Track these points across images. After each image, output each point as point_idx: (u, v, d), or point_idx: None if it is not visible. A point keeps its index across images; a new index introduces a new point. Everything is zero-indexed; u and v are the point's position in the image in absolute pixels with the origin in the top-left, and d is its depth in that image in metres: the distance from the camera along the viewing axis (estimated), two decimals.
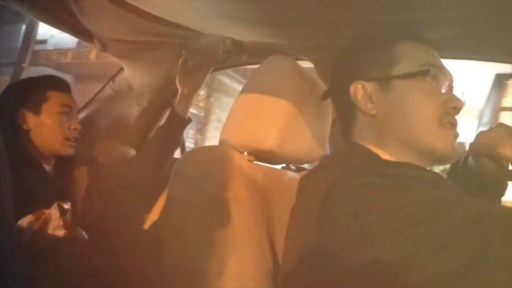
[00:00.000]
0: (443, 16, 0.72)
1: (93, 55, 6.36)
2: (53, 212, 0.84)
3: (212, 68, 1.33)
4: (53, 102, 1.16)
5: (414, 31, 0.71)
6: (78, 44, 6.70)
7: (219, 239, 0.72)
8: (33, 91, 1.16)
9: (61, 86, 1.22)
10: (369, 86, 0.69)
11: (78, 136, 1.21)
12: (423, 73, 0.66)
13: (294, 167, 1.07)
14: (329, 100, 0.95)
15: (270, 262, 0.74)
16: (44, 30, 6.90)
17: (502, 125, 0.71)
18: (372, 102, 0.69)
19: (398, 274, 0.49)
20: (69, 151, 1.18)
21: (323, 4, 0.73)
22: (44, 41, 7.26)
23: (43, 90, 1.17)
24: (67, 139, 1.17)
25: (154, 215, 1.41)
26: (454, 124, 0.68)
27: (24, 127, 1.13)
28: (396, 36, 0.71)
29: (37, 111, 1.14)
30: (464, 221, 0.49)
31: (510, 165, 0.71)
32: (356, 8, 0.72)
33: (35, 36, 6.75)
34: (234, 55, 1.16)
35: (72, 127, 1.19)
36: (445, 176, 0.87)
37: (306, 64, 1.04)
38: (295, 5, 0.75)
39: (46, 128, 1.14)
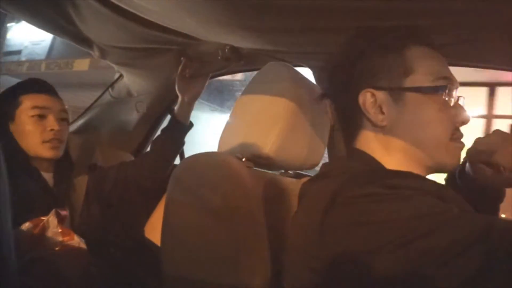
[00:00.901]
0: (440, 23, 0.72)
1: (43, 66, 7.09)
2: (51, 219, 0.84)
3: (210, 75, 1.33)
4: (25, 106, 1.12)
5: (421, 35, 0.69)
6: (47, 56, 7.35)
7: (218, 248, 0.71)
8: (7, 99, 1.14)
9: (32, 88, 1.16)
10: (379, 95, 0.66)
11: (59, 137, 1.14)
12: (440, 89, 0.64)
13: (292, 173, 1.07)
14: (327, 106, 0.96)
15: (269, 271, 0.73)
16: (19, 41, 7.49)
17: (498, 132, 0.71)
18: (382, 113, 0.66)
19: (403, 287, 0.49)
20: (49, 153, 1.13)
21: (319, 11, 0.73)
22: (18, 52, 7.77)
23: (15, 96, 1.13)
24: (45, 141, 1.12)
25: (153, 221, 1.41)
26: (461, 138, 0.67)
27: (7, 136, 1.10)
28: (405, 40, 0.68)
29: (12, 118, 1.12)
30: (469, 235, 0.48)
31: (507, 171, 0.71)
32: (351, 16, 0.73)
33: (1, 48, 7.30)
34: (232, 62, 1.17)
35: (48, 129, 1.12)
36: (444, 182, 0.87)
37: (304, 70, 1.04)
38: (293, 12, 0.76)
39: (22, 134, 1.11)
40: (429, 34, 0.68)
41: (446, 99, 0.64)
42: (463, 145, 0.67)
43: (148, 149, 1.41)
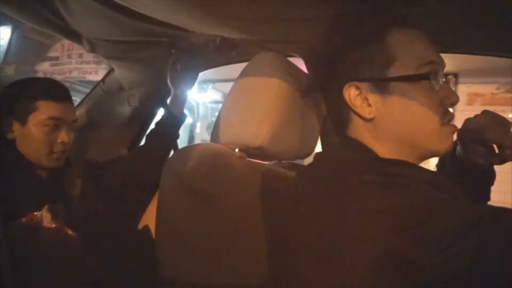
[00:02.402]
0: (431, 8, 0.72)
1: None
2: (45, 214, 0.84)
3: (202, 67, 1.33)
4: (41, 113, 1.08)
5: (402, 18, 0.67)
6: (4, 59, 7.55)
7: (212, 237, 0.72)
8: (22, 99, 1.09)
9: (53, 95, 1.11)
10: (364, 87, 0.65)
11: (66, 149, 1.12)
12: (425, 76, 0.63)
13: (286, 163, 1.08)
14: (319, 95, 0.96)
15: (265, 259, 0.74)
16: None
17: (487, 112, 0.72)
18: (369, 105, 0.65)
19: (396, 274, 0.49)
20: (53, 164, 1.11)
21: (311, 0, 0.73)
22: None
23: (32, 99, 1.08)
24: (52, 152, 1.10)
25: (149, 214, 1.41)
26: (452, 119, 0.66)
27: (9, 136, 1.07)
28: (385, 27, 0.66)
29: (23, 121, 1.07)
30: (463, 223, 0.48)
31: (496, 148, 0.72)
32: (343, 3, 0.72)
33: None
34: (224, 53, 1.16)
35: (59, 141, 1.10)
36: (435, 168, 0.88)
37: (295, 60, 1.04)
38: (284, 2, 0.76)
39: (30, 140, 1.07)
40: (410, 16, 0.67)
41: (433, 83, 0.63)
42: (453, 127, 0.67)
43: (143, 143, 1.40)
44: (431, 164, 1.09)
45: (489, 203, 0.81)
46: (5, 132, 1.07)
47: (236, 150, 0.88)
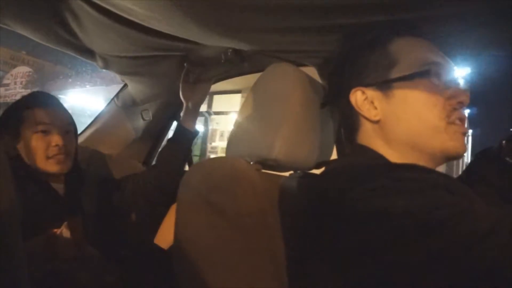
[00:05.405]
0: (437, 14, 0.71)
1: None
2: (64, 231, 0.84)
3: (214, 79, 1.33)
4: (28, 121, 1.10)
5: (404, 27, 0.69)
6: None
7: (231, 251, 0.71)
8: (11, 115, 1.13)
9: (35, 102, 1.14)
10: (369, 92, 0.68)
11: (64, 151, 1.13)
12: (424, 74, 0.65)
13: (301, 173, 1.07)
14: (333, 104, 0.95)
15: (285, 273, 0.72)
16: None
17: None
18: (375, 108, 0.67)
19: (414, 279, 0.48)
20: (55, 168, 1.12)
21: (322, 10, 0.72)
22: None
23: (19, 112, 1.12)
24: (49, 157, 1.11)
25: (163, 229, 1.41)
26: (462, 119, 0.66)
27: (11, 153, 1.09)
28: (388, 35, 0.69)
29: (17, 135, 1.10)
30: (478, 230, 0.47)
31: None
32: (355, 12, 0.72)
33: None
34: (235, 65, 1.17)
35: (53, 144, 1.11)
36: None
37: (308, 69, 1.04)
38: (294, 12, 0.76)
39: (27, 150, 1.10)
40: (412, 24, 0.69)
41: (437, 82, 0.65)
42: (464, 128, 0.66)
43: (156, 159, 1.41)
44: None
45: None
46: (7, 150, 1.09)
47: (251, 162, 0.88)
